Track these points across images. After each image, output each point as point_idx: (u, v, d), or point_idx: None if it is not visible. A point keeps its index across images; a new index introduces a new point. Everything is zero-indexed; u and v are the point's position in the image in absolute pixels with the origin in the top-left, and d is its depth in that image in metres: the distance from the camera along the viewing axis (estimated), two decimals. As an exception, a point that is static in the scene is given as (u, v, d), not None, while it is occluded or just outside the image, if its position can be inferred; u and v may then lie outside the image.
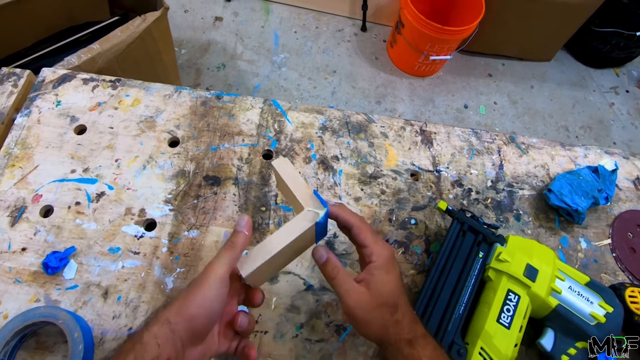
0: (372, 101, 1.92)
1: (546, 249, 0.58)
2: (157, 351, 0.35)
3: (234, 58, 1.95)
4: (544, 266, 0.56)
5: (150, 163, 0.65)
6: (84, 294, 0.53)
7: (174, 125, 0.70)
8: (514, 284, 0.55)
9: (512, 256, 0.56)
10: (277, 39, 2.04)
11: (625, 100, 2.15)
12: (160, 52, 1.38)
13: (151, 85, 0.73)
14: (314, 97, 1.89)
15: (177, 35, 1.97)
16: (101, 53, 1.13)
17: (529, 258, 0.56)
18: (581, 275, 0.57)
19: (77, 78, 0.71)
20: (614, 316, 0.53)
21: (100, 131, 0.66)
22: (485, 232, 0.61)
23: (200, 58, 1.93)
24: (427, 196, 0.71)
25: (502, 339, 0.51)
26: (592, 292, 0.55)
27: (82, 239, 0.57)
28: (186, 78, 1.85)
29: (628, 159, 0.81)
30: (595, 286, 0.56)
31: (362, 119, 0.78)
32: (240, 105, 0.75)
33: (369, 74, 2.00)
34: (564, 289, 0.55)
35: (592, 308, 0.54)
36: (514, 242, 0.59)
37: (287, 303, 0.58)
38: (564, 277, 0.56)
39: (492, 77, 2.11)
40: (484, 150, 0.78)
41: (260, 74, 1.92)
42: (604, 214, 0.74)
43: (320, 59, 2.02)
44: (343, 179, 0.71)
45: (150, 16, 1.25)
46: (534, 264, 0.56)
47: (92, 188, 0.61)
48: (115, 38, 1.17)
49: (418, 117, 1.90)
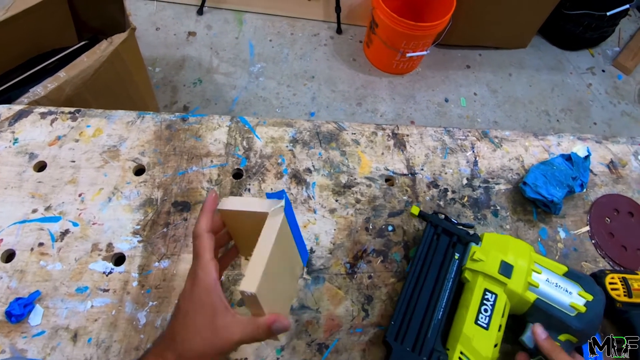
0: (353, 103, 1.92)
1: (522, 243, 0.57)
2: None
3: (210, 72, 1.93)
4: (520, 261, 0.54)
5: (116, 194, 0.64)
6: (52, 339, 0.52)
7: (138, 153, 0.68)
8: (490, 282, 0.54)
9: (486, 254, 0.55)
10: (253, 49, 2.03)
11: (602, 80, 2.16)
12: (131, 73, 1.36)
13: (113, 113, 0.71)
14: (294, 104, 1.88)
15: (150, 54, 1.95)
16: (68, 81, 1.11)
17: (504, 254, 0.55)
18: (559, 266, 0.56)
19: (35, 113, 0.69)
20: (594, 304, 0.52)
21: (61, 166, 0.65)
22: (459, 232, 0.60)
23: (176, 75, 1.91)
24: (404, 200, 0.70)
25: (481, 340, 0.50)
26: (570, 282, 0.54)
27: (47, 281, 0.55)
28: (162, 97, 1.83)
29: (601, 143, 0.81)
30: (573, 275, 0.55)
31: (332, 127, 0.77)
32: (207, 126, 0.74)
33: (348, 76, 2.00)
34: (542, 282, 0.54)
35: (572, 298, 0.52)
36: (488, 240, 0.58)
37: (266, 326, 0.57)
38: (541, 270, 0.55)
39: (470, 68, 2.11)
40: (457, 148, 0.77)
41: (238, 86, 1.90)
42: (581, 201, 0.74)
43: (298, 65, 2.01)
44: (317, 191, 0.69)
45: (117, 38, 1.23)
46: (508, 260, 0.55)
47: (55, 227, 0.59)
48: (82, 64, 1.15)
49: (400, 115, 1.90)
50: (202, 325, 0.38)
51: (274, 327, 0.39)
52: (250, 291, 0.37)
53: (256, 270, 0.39)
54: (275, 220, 0.42)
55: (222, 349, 0.39)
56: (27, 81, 1.27)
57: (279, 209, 0.43)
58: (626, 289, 0.60)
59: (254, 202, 0.44)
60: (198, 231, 0.42)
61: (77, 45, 1.41)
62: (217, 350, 0.38)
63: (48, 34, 1.35)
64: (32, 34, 1.29)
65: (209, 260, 0.40)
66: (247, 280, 0.38)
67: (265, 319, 0.40)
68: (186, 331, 0.39)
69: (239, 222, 0.46)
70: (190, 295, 0.40)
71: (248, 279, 0.38)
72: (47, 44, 1.36)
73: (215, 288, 0.39)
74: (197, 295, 0.39)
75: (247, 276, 0.38)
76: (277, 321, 0.40)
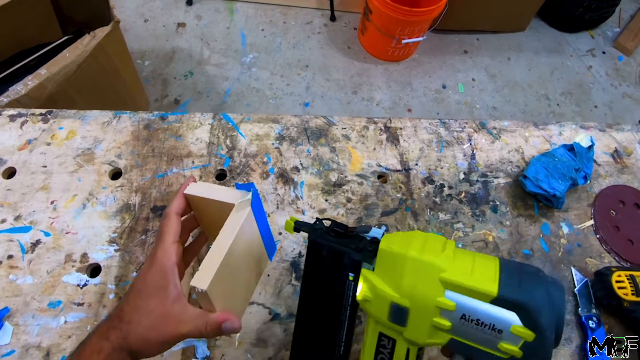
0: (349, 92, 1.87)
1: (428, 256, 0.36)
2: None
3: (201, 64, 1.89)
4: (421, 293, 0.35)
5: (91, 200, 0.60)
6: (23, 358, 0.48)
7: (115, 155, 0.64)
8: (384, 327, 0.39)
9: (374, 290, 0.37)
10: (244, 39, 1.98)
11: (602, 62, 2.11)
12: (117, 67, 1.32)
13: (87, 114, 0.67)
14: (288, 94, 1.83)
15: (139, 46, 1.90)
16: (49, 78, 1.07)
17: (397, 285, 0.36)
18: (485, 287, 0.34)
19: (3, 115, 0.65)
20: (537, 347, 0.32)
21: (32, 172, 0.61)
22: (345, 250, 0.40)
23: (166, 67, 1.86)
24: (397, 198, 0.67)
25: None
26: (501, 313, 0.33)
27: (17, 296, 0.52)
28: (152, 90, 1.78)
29: (604, 131, 0.76)
30: (507, 302, 0.33)
31: (321, 122, 0.73)
32: (187, 124, 0.70)
33: (343, 64, 1.95)
34: (455, 321, 0.35)
35: (501, 338, 0.33)
36: (384, 258, 0.38)
37: (253, 337, 0.53)
38: (454, 304, 0.34)
39: (468, 53, 2.06)
40: (453, 141, 0.73)
41: (230, 77, 1.86)
42: (584, 193, 0.70)
43: (291, 54, 1.95)
44: (305, 191, 0.66)
45: (100, 32, 1.19)
46: (402, 300, 0.36)
47: (25, 237, 0.56)
48: (64, 60, 1.11)
49: (396, 103, 1.85)
50: (152, 309, 0.37)
51: (223, 326, 0.38)
52: (201, 287, 0.36)
53: (211, 266, 0.37)
54: (240, 214, 0.41)
55: (168, 339, 0.37)
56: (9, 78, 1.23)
57: (245, 203, 0.41)
58: (634, 287, 0.57)
59: (222, 191, 0.43)
60: (167, 211, 0.41)
61: (60, 40, 1.36)
62: (163, 338, 0.37)
63: (31, 29, 1.30)
64: (13, 30, 1.25)
65: (171, 243, 0.39)
66: (200, 276, 0.37)
67: (216, 316, 0.38)
68: (135, 312, 0.37)
69: (205, 209, 0.45)
70: (145, 275, 0.39)
71: (201, 274, 0.37)
72: (30, 39, 1.32)
73: (172, 273, 0.38)
74: (152, 277, 0.38)
75: (200, 270, 0.37)
76: (228, 320, 0.38)
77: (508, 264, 0.35)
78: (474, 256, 0.36)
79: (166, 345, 0.38)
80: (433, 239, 0.38)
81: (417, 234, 0.39)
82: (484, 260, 0.36)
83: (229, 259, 0.39)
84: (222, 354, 0.52)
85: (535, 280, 0.34)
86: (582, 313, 0.59)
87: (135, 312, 0.37)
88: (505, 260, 0.36)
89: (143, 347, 0.37)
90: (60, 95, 1.11)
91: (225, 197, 0.42)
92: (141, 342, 0.36)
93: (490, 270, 0.34)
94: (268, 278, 0.58)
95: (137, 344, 0.36)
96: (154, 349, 0.38)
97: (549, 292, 0.33)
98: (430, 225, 0.64)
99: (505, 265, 0.35)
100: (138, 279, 0.39)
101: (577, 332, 0.58)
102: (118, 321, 0.37)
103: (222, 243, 0.39)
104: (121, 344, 0.36)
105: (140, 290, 0.38)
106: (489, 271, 0.34)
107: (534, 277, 0.34)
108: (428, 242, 0.37)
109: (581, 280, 0.62)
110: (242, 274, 0.44)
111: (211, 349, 0.52)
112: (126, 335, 0.36)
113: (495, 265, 0.35)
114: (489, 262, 0.36)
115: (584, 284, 0.61)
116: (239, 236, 0.40)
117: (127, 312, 0.37)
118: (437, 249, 0.36)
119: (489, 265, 0.35)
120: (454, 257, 0.36)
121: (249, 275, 0.46)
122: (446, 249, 0.37)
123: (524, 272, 0.35)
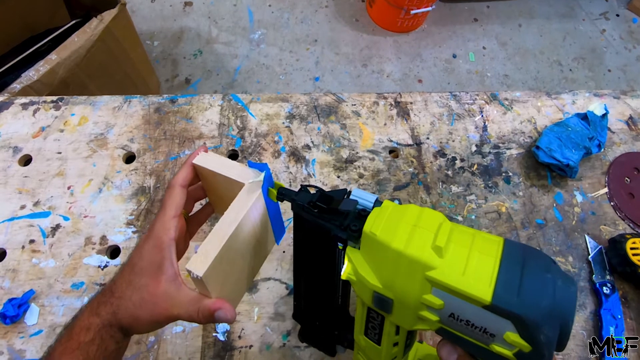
0: (358, 65, 1.85)
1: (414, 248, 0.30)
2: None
3: (209, 42, 1.88)
4: (404, 287, 0.30)
5: (106, 184, 0.61)
6: (50, 338, 0.50)
7: (127, 140, 0.65)
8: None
9: (357, 270, 0.33)
10: (252, 16, 1.96)
11: (616, 25, 2.05)
12: (126, 50, 1.32)
13: (97, 99, 0.67)
14: (297, 70, 1.82)
15: (147, 28, 1.89)
16: (60, 63, 1.08)
17: (380, 274, 0.32)
18: (480, 290, 0.27)
19: (16, 104, 0.65)
20: (532, 357, 0.27)
21: (47, 158, 0.62)
22: (328, 226, 0.35)
23: (175, 47, 1.86)
24: (409, 172, 0.67)
25: (375, 353, 0.39)
26: (496, 319, 0.28)
27: (41, 279, 0.53)
28: (163, 71, 1.78)
29: (619, 98, 0.75)
30: (502, 312, 0.27)
31: (331, 100, 0.72)
32: (197, 106, 0.70)
33: (351, 37, 1.92)
34: (443, 317, 0.30)
35: (494, 341, 0.29)
36: (367, 241, 0.32)
37: (270, 312, 0.55)
38: (442, 302, 0.29)
39: (478, 21, 2.02)
40: (465, 114, 0.73)
41: (240, 55, 1.85)
42: (598, 161, 0.69)
43: (299, 29, 1.93)
44: (317, 168, 0.66)
45: (107, 15, 1.19)
46: (386, 290, 0.32)
47: (45, 222, 0.57)
48: (73, 45, 1.11)
49: (407, 75, 1.83)
50: (143, 285, 0.35)
51: (216, 315, 0.35)
52: (197, 274, 0.33)
53: (210, 250, 0.34)
54: (249, 196, 0.37)
55: (158, 319, 0.35)
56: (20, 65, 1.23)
57: (257, 184, 0.38)
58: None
59: (233, 167, 0.39)
60: (172, 182, 0.38)
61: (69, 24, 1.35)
62: (152, 318, 0.35)
63: (40, 14, 1.30)
64: (23, 15, 1.25)
65: (171, 217, 0.36)
66: (197, 260, 0.34)
67: (210, 303, 0.35)
68: (127, 287, 0.35)
69: (213, 182, 0.42)
70: (141, 249, 0.36)
71: (199, 258, 0.34)
72: (39, 24, 1.32)
73: (169, 248, 0.35)
74: (147, 251, 0.35)
75: (198, 254, 0.34)
76: (221, 309, 0.35)
77: (512, 257, 0.29)
78: (472, 244, 0.30)
79: (156, 324, 0.36)
80: (425, 220, 0.31)
81: (409, 212, 0.32)
82: (482, 253, 0.29)
83: (231, 244, 0.36)
84: (242, 328, 0.53)
85: (541, 285, 0.27)
86: (596, 280, 0.59)
87: (127, 287, 0.35)
88: (510, 250, 0.29)
89: (133, 323, 0.35)
90: (72, 79, 1.11)
91: (236, 174, 0.39)
92: (131, 319, 0.35)
93: (486, 269, 0.28)
94: (284, 254, 0.58)
95: (126, 321, 0.35)
96: (144, 327, 0.36)
97: (556, 300, 0.27)
98: (443, 198, 0.65)
99: (507, 260, 0.29)
100: (134, 252, 0.37)
101: (592, 299, 0.59)
102: (109, 295, 0.35)
103: (225, 226, 0.36)
104: (111, 319, 0.35)
105: (134, 265, 0.36)
106: (485, 270, 0.28)
107: (539, 280, 0.27)
108: (418, 227, 0.31)
109: (595, 247, 0.62)
110: (244, 259, 0.41)
111: (231, 323, 0.53)
112: (116, 311, 0.35)
113: (495, 261, 0.28)
114: (489, 254, 0.29)
115: (598, 251, 0.61)
116: (245, 220, 0.37)
117: (119, 287, 0.35)
118: (428, 237, 0.30)
119: (486, 262, 0.29)
120: (447, 248, 0.29)
121: (251, 260, 0.43)
122: (439, 234, 0.30)
123: (530, 270, 0.28)
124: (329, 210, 0.35)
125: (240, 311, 0.54)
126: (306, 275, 0.42)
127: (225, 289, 0.38)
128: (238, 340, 0.52)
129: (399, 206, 0.34)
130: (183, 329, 0.52)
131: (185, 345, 0.51)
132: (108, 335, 0.34)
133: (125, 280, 0.35)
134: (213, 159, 0.40)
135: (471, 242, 0.30)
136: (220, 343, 0.52)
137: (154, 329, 0.36)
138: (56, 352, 0.34)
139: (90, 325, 0.34)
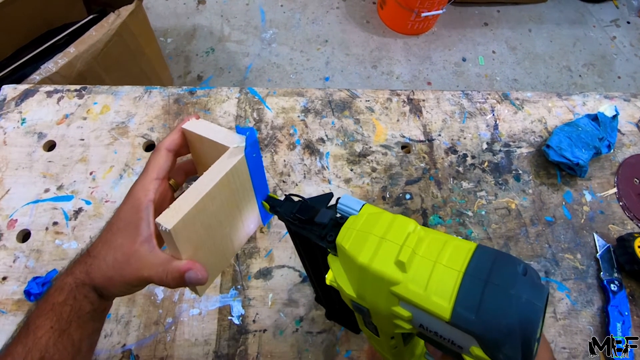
0: (368, 66, 1.87)
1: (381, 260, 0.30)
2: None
3: (222, 40, 1.90)
4: (374, 298, 0.31)
5: (127, 171, 0.62)
6: (73, 315, 0.52)
7: (147, 128, 0.67)
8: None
9: (336, 278, 0.34)
10: (264, 15, 1.98)
11: (626, 32, 2.06)
12: (141, 45, 1.34)
13: (119, 89, 0.69)
14: (308, 69, 1.84)
15: (161, 25, 1.92)
16: (78, 56, 1.10)
17: (354, 285, 0.32)
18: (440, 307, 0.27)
19: (41, 92, 0.67)
20: None
21: (70, 145, 0.64)
22: (308, 236, 0.36)
23: (188, 45, 1.88)
24: (421, 168, 0.68)
25: (376, 342, 0.39)
26: (460, 333, 0.27)
27: (64, 259, 0.55)
28: (175, 67, 1.81)
29: (629, 101, 0.76)
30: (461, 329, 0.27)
31: (345, 95, 0.74)
32: (215, 98, 0.71)
33: (362, 38, 1.94)
34: (416, 327, 0.31)
35: (463, 352, 0.29)
36: (340, 252, 0.33)
37: (284, 298, 0.56)
38: (410, 313, 0.30)
39: (488, 25, 2.03)
40: (476, 112, 0.74)
41: (251, 53, 1.87)
42: (608, 162, 0.70)
43: (310, 29, 1.95)
44: (331, 161, 0.67)
45: (124, 11, 1.21)
46: (360, 300, 0.32)
47: (68, 205, 0.59)
48: (91, 39, 1.13)
49: (416, 77, 1.84)
50: (118, 245, 0.34)
51: (187, 276, 0.34)
52: (165, 226, 0.31)
53: (183, 206, 0.33)
54: (230, 160, 0.36)
55: (129, 280, 0.34)
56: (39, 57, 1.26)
57: (239, 149, 0.36)
58: (657, 252, 0.58)
59: (220, 132, 0.38)
60: (158, 145, 0.38)
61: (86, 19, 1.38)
62: (123, 279, 0.34)
63: (57, 9, 1.33)
64: (41, 10, 1.28)
65: (152, 179, 0.35)
66: (167, 214, 0.32)
67: (179, 264, 0.34)
68: (102, 246, 0.35)
69: (201, 149, 0.41)
70: (120, 209, 0.35)
71: (170, 212, 0.32)
72: (57, 19, 1.34)
73: (146, 209, 0.34)
74: (125, 212, 0.35)
75: (170, 208, 0.32)
76: (191, 270, 0.34)
77: (477, 270, 0.28)
78: (440, 255, 0.29)
79: (129, 286, 0.35)
80: (395, 230, 0.31)
81: (380, 222, 0.32)
82: (447, 266, 0.28)
83: (206, 204, 0.34)
84: (257, 312, 0.55)
85: (503, 302, 0.26)
86: (603, 277, 0.60)
87: (102, 246, 0.34)
88: (478, 261, 0.28)
89: (105, 284, 0.34)
90: (89, 73, 1.13)
91: (222, 138, 0.37)
92: (103, 279, 0.34)
93: (448, 284, 0.27)
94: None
95: (99, 280, 0.34)
96: (116, 288, 0.35)
97: (519, 317, 0.25)
98: (454, 193, 0.66)
99: (471, 274, 0.27)
100: (114, 214, 0.36)
101: (599, 295, 0.60)
102: (86, 255, 0.35)
103: (202, 184, 0.34)
104: (84, 279, 0.34)
105: (112, 224, 0.35)
106: (447, 285, 0.27)
107: (502, 297, 0.26)
108: (385, 240, 0.30)
109: (603, 245, 0.63)
110: (222, 227, 0.39)
111: (246, 308, 0.55)
112: (89, 270, 0.34)
113: (459, 275, 0.27)
114: (454, 267, 0.28)
115: (606, 249, 0.62)
116: (225, 182, 0.35)
117: (96, 246, 0.35)
118: (393, 251, 0.29)
119: (449, 276, 0.28)
120: (410, 263, 0.29)
121: (231, 232, 0.40)
122: (404, 247, 0.29)
123: (493, 286, 0.26)
124: (309, 221, 0.36)
125: (255, 296, 0.55)
126: (312, 271, 0.44)
127: (200, 255, 0.37)
128: (252, 325, 0.54)
129: (373, 214, 0.33)
130: (199, 311, 0.54)
131: (202, 327, 0.53)
132: (82, 296, 0.34)
133: (102, 240, 0.35)
134: (202, 124, 0.39)
135: (439, 252, 0.29)
136: (235, 326, 0.54)
137: (128, 291, 0.36)
138: (33, 315, 0.34)
139: (63, 285, 0.34)
